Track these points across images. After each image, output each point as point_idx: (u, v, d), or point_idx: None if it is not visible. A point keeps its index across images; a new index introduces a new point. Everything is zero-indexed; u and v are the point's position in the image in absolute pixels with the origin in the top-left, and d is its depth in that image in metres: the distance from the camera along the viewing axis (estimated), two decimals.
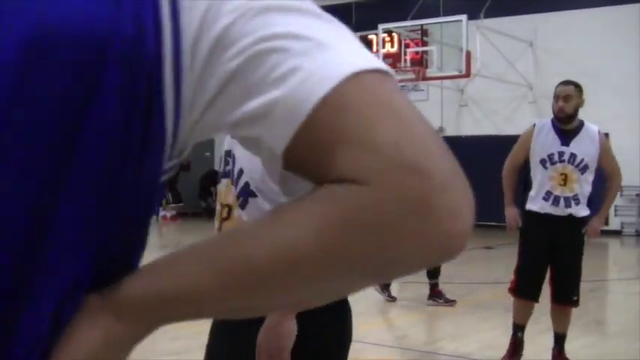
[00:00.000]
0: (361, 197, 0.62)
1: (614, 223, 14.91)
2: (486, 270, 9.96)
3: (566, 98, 5.00)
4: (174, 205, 19.02)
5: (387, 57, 15.50)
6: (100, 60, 0.65)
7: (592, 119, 5.40)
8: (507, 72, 15.63)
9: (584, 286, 5.21)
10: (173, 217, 18.45)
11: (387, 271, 0.69)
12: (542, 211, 5.11)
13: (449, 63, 14.98)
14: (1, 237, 0.65)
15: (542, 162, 5.09)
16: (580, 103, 5.07)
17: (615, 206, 14.10)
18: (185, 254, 0.69)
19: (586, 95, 5.20)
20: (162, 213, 18.50)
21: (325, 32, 0.68)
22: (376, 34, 15.57)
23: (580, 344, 5.83)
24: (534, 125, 5.23)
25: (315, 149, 0.65)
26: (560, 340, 5.20)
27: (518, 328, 5.25)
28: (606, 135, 5.02)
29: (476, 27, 14.59)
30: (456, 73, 14.91)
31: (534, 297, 5.14)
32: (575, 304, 5.17)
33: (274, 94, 0.65)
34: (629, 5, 15.09)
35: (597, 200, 5.26)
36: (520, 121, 13.00)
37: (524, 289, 5.16)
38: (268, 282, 0.66)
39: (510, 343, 5.27)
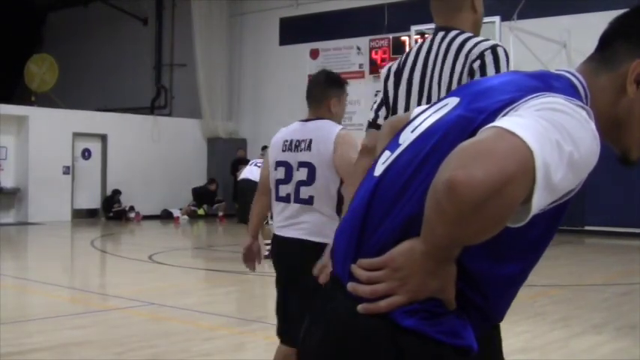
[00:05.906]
0: None
1: None
2: None
3: None
4: (217, 204, 20.05)
5: None
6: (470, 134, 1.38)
7: None
8: None
9: (617, 290, 5.13)
10: (221, 217, 19.44)
11: None
12: None
13: None
14: (397, 190, 1.44)
15: None
16: None
17: None
18: None
19: None
20: (220, 214, 19.73)
21: None
22: (409, 36, 15.49)
23: (613, 348, 5.79)
24: None
25: None
26: None
27: None
28: None
29: (509, 28, 14.51)
30: None
31: None
32: None
33: None
34: None
35: None
36: None
37: None
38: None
39: None
